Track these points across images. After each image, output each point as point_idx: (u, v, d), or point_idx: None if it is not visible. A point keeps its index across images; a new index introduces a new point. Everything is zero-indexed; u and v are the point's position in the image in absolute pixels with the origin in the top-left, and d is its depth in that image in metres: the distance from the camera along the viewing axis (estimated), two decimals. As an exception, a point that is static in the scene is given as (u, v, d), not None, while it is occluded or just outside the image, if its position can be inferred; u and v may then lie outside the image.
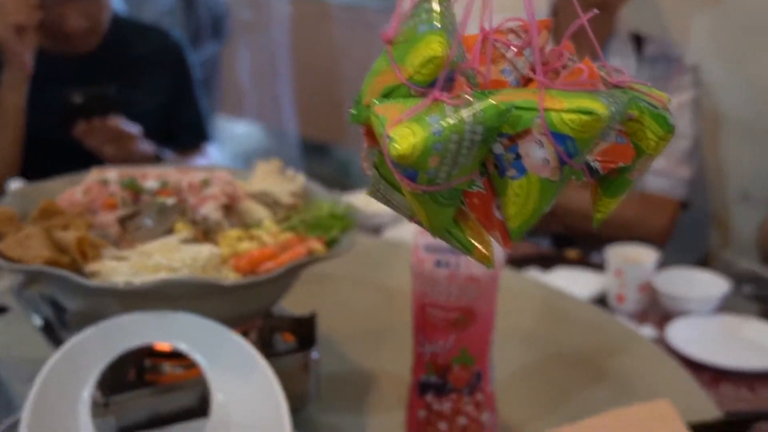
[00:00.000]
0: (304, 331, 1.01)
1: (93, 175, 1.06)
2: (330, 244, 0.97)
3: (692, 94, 1.91)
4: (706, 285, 1.51)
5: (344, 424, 1.00)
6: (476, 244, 0.59)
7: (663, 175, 1.89)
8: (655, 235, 1.77)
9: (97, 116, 1.82)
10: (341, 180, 1.21)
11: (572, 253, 1.75)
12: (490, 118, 0.54)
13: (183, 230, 0.93)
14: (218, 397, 0.83)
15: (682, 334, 1.37)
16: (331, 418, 1.00)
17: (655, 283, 1.48)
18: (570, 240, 1.88)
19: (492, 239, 0.60)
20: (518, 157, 0.56)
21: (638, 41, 1.94)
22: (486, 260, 0.60)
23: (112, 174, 1.05)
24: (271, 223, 1.01)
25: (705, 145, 2.19)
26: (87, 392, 0.81)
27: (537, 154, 0.55)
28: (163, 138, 2.01)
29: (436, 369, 0.93)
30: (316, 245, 0.92)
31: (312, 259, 0.91)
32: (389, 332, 1.22)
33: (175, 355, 0.96)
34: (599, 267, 1.60)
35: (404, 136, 0.52)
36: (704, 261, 2.07)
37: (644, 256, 1.51)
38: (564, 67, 0.61)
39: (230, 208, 1.02)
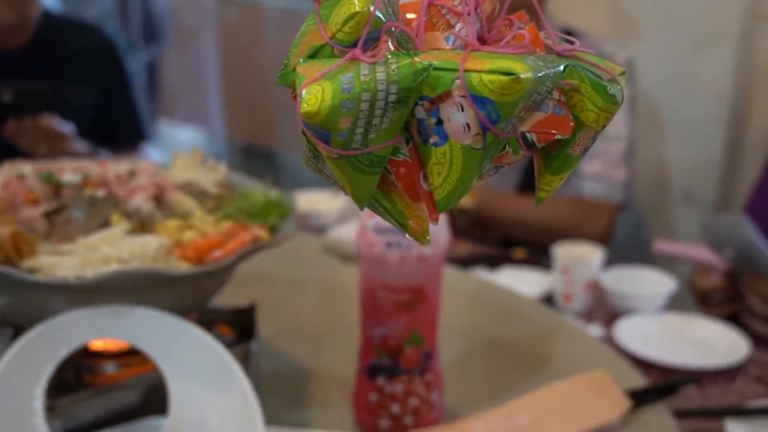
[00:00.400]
0: (243, 323, 1.02)
1: (5, 170, 1.03)
2: (271, 231, 0.98)
3: (627, 92, 1.99)
4: (653, 283, 1.59)
5: (288, 419, 1.03)
6: (409, 218, 0.59)
7: (598, 179, 1.96)
8: (593, 241, 1.84)
9: (28, 114, 1.82)
10: (285, 185, 1.22)
11: (519, 252, 1.81)
12: (405, 78, 0.53)
13: (120, 222, 0.92)
14: (178, 393, 0.83)
15: (630, 333, 1.44)
16: (274, 413, 1.02)
17: (602, 282, 1.55)
18: (517, 240, 1.93)
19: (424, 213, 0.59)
20: (440, 122, 0.55)
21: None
22: (420, 236, 0.59)
23: (28, 168, 1.02)
24: (203, 214, 1.01)
25: (647, 145, 2.28)
26: (39, 399, 0.79)
27: (458, 118, 0.54)
28: (98, 137, 2.03)
29: (387, 351, 0.96)
30: (260, 232, 0.94)
31: (259, 246, 0.93)
32: (331, 330, 1.26)
33: (113, 354, 0.95)
34: (547, 267, 1.65)
35: (313, 94, 0.52)
36: (648, 260, 2.15)
37: (590, 254, 1.58)
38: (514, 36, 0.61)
39: (159, 200, 1.02)
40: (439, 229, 0.96)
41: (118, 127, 2.15)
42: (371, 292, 0.97)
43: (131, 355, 0.97)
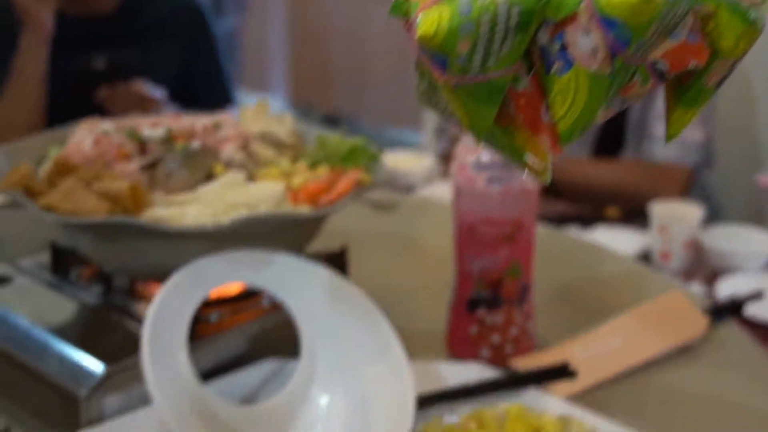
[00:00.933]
0: (336, 266, 1.05)
1: (85, 127, 1.04)
2: (365, 174, 1.02)
3: None
4: (756, 241, 1.61)
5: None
6: (528, 155, 0.59)
7: (672, 141, 1.93)
8: None
9: (120, 81, 1.94)
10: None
11: (612, 211, 1.80)
12: None
13: (225, 171, 0.95)
14: (310, 335, 0.87)
15: (732, 291, 1.42)
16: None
17: (702, 240, 1.57)
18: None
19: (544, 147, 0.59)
20: (564, 47, 0.54)
21: None
22: (540, 173, 0.59)
23: (109, 125, 1.04)
24: (286, 162, 1.04)
25: (730, 102, 2.20)
26: (184, 349, 0.82)
27: (584, 42, 0.53)
28: (186, 100, 2.11)
29: (488, 284, 1.02)
30: (361, 175, 0.97)
31: (364, 188, 0.96)
32: (419, 288, 1.27)
33: (220, 302, 0.98)
34: (641, 226, 1.70)
35: (430, 17, 0.52)
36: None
37: (689, 212, 1.60)
38: None
39: (245, 150, 1.04)
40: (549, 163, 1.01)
41: (205, 90, 2.23)
42: (471, 227, 1.02)
43: (237, 302, 1.00)
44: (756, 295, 1.19)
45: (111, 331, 0.98)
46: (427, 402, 0.90)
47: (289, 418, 0.88)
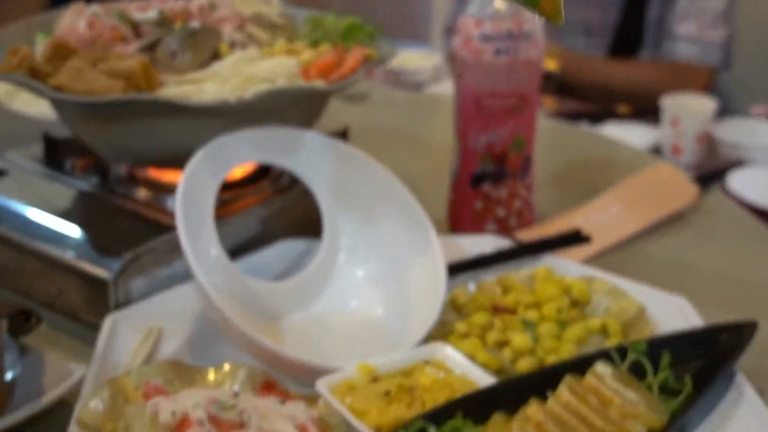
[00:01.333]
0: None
1: (73, 11, 1.00)
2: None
3: None
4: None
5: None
6: None
7: (693, 41, 1.95)
8: None
9: None
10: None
11: (623, 108, 1.79)
12: None
13: (230, 51, 0.93)
14: (333, 213, 0.87)
15: (744, 182, 1.44)
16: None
17: (715, 132, 1.57)
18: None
19: None
20: None
21: None
22: (552, 14, 0.58)
23: (97, 8, 1.00)
24: (284, 42, 1.02)
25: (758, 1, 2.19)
26: (211, 225, 0.82)
27: None
28: None
29: (493, 158, 1.03)
30: (368, 51, 0.96)
31: (375, 62, 0.95)
32: (425, 181, 1.25)
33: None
34: (652, 122, 1.70)
35: None
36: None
37: (702, 105, 1.59)
38: None
39: (241, 31, 1.02)
40: (539, 32, 1.01)
41: None
42: (477, 101, 1.03)
43: (243, 186, 0.99)
44: (738, 163, 1.23)
45: (121, 217, 0.96)
46: (450, 272, 0.91)
47: (320, 291, 0.88)
